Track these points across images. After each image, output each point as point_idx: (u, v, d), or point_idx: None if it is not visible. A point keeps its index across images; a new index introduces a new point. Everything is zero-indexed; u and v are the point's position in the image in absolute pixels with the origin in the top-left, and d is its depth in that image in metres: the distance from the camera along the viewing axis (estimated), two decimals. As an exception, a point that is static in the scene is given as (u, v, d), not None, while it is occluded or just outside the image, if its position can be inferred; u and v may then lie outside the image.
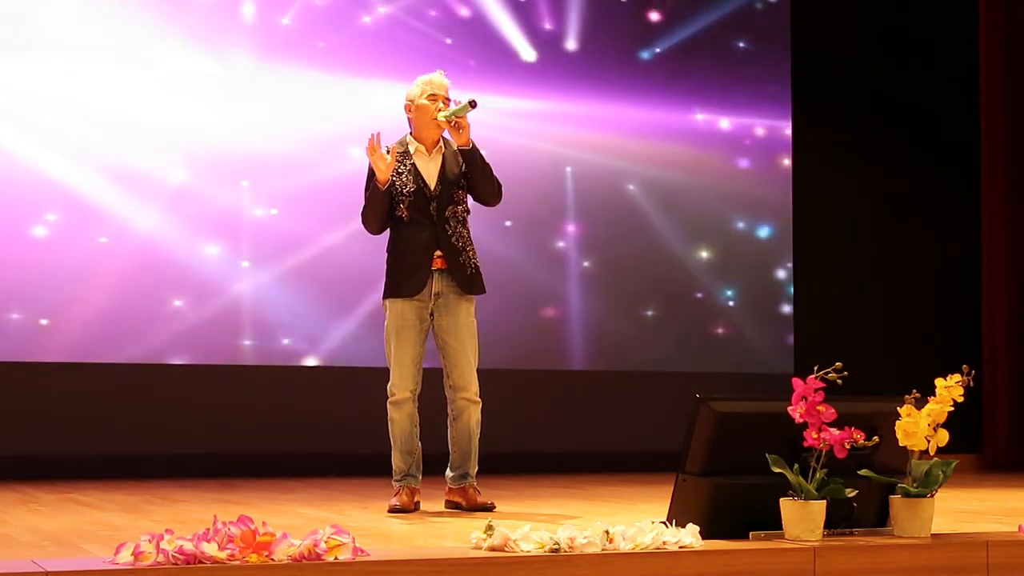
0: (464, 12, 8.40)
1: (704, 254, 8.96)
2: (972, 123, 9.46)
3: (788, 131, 9.14)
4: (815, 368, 3.77)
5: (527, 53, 8.55)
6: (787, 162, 9.15)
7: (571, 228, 8.62)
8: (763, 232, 9.11)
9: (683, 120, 8.91)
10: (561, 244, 8.58)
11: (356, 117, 7.93)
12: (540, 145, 8.49)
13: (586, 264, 8.63)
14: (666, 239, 8.83)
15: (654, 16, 8.90)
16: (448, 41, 8.29)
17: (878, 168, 9.38)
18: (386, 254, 5.45)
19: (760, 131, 9.10)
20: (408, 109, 5.45)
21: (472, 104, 5.27)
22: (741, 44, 9.10)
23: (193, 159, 7.74)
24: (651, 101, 8.82)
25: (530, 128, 8.43)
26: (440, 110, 5.36)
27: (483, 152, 5.44)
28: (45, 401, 7.40)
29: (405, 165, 5.36)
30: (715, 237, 8.98)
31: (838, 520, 3.85)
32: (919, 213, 9.41)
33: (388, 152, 5.33)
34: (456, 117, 5.31)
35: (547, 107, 8.54)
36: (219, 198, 7.78)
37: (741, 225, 9.06)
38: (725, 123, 9.01)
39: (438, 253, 5.35)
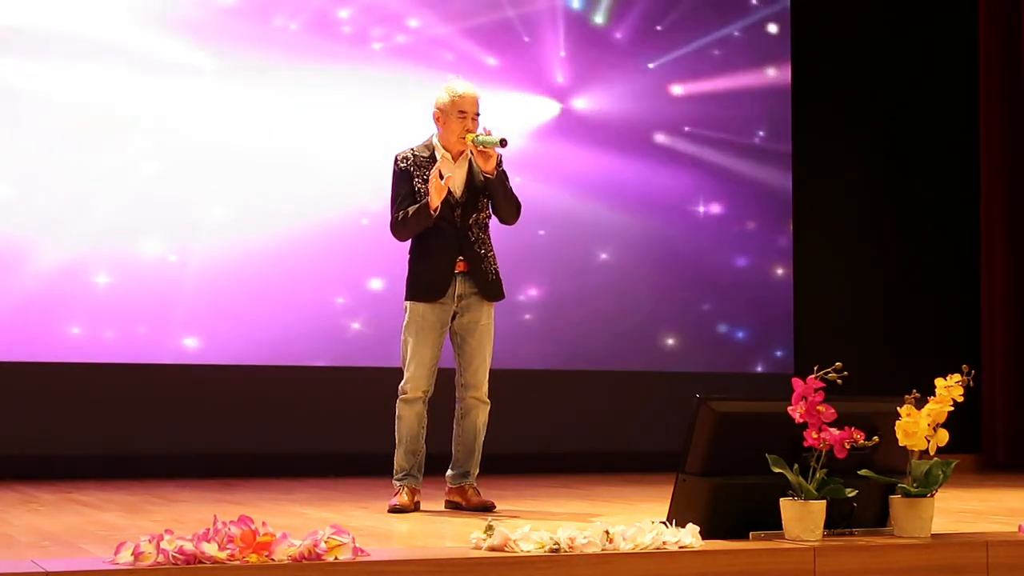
0: (491, 61, 8.32)
1: (670, 341, 8.66)
2: (972, 123, 9.46)
3: (790, 233, 8.98)
4: (815, 368, 3.78)
5: (544, 105, 8.42)
6: (781, 270, 8.95)
7: (533, 291, 8.36)
8: (740, 334, 8.85)
9: (678, 200, 8.71)
10: (520, 298, 8.25)
11: (349, 134, 7.94)
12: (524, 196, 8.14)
13: (527, 316, 8.33)
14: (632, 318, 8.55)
15: (677, 90, 8.73)
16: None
17: (878, 168, 9.38)
18: (408, 255, 5.48)
19: (751, 224, 8.88)
20: (436, 118, 5.45)
21: (503, 143, 5.27)
22: (761, 133, 8.95)
23: (181, 155, 7.74)
24: (652, 177, 8.62)
25: (522, 177, 8.02)
26: (469, 130, 5.36)
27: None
28: (45, 401, 7.39)
29: (431, 170, 5.35)
30: (680, 323, 8.68)
31: (838, 520, 3.85)
32: (919, 213, 9.41)
33: (443, 180, 5.30)
34: (485, 147, 5.32)
35: (544, 160, 8.37)
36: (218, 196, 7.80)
37: (712, 314, 8.79)
38: (716, 208, 8.79)
39: (460, 258, 5.39)
